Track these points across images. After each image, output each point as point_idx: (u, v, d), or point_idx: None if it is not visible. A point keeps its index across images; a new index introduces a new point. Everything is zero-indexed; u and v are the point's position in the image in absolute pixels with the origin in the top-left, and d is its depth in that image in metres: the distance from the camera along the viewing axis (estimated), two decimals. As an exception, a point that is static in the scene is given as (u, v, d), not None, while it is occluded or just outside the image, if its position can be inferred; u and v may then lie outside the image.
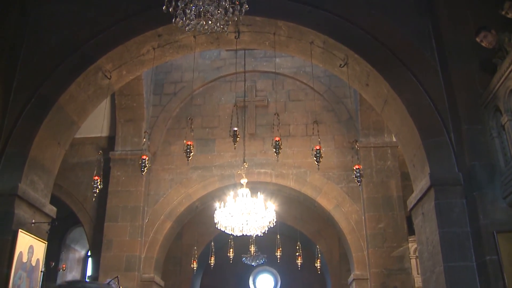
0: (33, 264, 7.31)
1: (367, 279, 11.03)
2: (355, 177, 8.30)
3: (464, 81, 6.89)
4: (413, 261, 10.81)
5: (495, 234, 5.98)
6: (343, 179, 11.96)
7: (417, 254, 9.84)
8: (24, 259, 7.07)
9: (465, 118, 6.68)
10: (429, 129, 6.97)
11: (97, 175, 8.38)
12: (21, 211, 7.11)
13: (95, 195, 8.30)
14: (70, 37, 7.97)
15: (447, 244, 6.31)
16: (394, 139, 11.46)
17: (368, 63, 7.56)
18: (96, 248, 11.77)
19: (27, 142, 7.37)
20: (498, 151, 6.35)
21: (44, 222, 7.62)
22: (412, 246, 10.70)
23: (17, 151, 7.31)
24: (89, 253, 16.84)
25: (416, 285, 10.50)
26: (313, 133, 10.66)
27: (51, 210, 7.89)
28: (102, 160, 11.60)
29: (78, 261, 17.93)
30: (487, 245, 6.01)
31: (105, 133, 12.56)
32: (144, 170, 8.42)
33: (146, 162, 8.42)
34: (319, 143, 8.27)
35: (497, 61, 6.34)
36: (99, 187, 8.18)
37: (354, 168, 8.36)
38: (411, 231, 10.65)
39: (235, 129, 8.37)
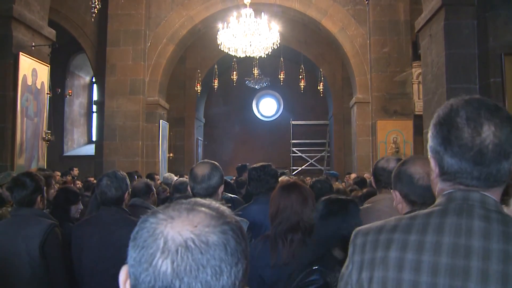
0: (38, 87, 7.38)
1: (369, 102, 11.21)
2: (363, -5, 7.99)
3: None
4: (415, 86, 10.91)
5: (502, 56, 5.91)
6: (349, 1, 11.50)
7: (419, 79, 9.90)
8: (29, 82, 7.11)
9: None
10: None
11: (94, -6, 8.06)
12: (20, 34, 6.96)
13: (94, 15, 8.07)
14: None
15: (452, 66, 6.27)
16: (406, -42, 10.80)
17: None
18: (100, 74, 11.83)
19: (16, -41, 6.94)
20: (518, -32, 5.99)
21: (44, 45, 7.53)
22: (416, 71, 10.70)
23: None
24: (93, 79, 17.03)
25: (416, 109, 10.72)
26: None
27: (50, 32, 7.74)
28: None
29: (84, 87, 18.21)
30: (492, 67, 5.97)
31: (98, -48, 11.78)
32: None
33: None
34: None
35: None
36: (98, 6, 7.91)
37: (363, -14, 8.02)
38: (415, 57, 10.57)
39: None
